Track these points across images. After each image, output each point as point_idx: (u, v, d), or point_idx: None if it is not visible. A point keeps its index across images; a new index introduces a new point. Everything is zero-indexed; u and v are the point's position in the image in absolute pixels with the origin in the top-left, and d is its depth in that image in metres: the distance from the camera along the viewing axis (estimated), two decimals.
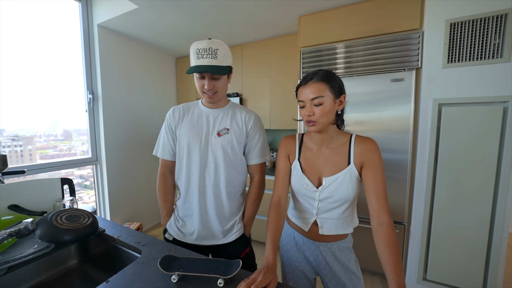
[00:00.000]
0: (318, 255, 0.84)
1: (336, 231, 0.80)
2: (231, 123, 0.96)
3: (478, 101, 1.34)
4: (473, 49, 1.34)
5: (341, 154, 0.77)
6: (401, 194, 1.59)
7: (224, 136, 0.93)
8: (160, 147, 1.00)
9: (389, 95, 1.57)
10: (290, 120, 2.28)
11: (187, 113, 0.97)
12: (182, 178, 0.96)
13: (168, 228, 1.00)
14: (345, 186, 0.75)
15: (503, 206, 1.32)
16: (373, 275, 1.83)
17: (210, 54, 0.83)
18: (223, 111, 0.97)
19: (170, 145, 0.98)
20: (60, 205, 1.04)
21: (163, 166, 1.02)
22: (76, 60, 1.99)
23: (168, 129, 0.98)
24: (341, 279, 0.82)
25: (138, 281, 0.64)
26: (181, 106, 1.01)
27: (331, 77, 0.73)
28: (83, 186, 2.19)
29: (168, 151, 0.99)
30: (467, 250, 1.42)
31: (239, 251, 0.99)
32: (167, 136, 0.98)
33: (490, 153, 1.33)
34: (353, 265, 0.83)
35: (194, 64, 0.85)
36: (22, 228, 0.77)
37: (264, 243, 2.30)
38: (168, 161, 1.01)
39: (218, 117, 0.96)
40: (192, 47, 0.85)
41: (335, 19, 1.72)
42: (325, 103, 0.71)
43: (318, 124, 0.73)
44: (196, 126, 0.95)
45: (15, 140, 1.66)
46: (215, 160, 0.93)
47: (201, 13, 1.86)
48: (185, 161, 0.94)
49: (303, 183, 0.80)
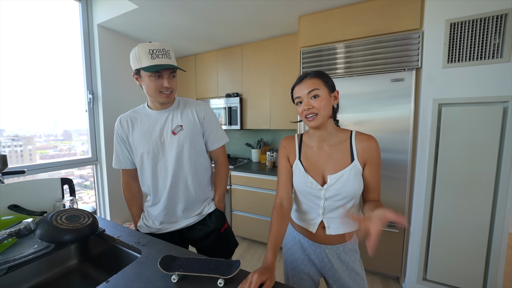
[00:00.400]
0: (324, 257, 0.84)
1: (345, 230, 0.79)
2: (182, 119, 0.98)
3: (478, 101, 1.34)
4: (473, 49, 1.34)
5: (343, 151, 0.77)
6: (401, 194, 1.59)
7: (179, 133, 0.96)
8: (115, 158, 1.03)
9: (389, 95, 1.57)
10: (290, 119, 2.28)
11: (136, 121, 0.98)
12: (148, 184, 1.00)
13: (140, 229, 1.06)
14: (351, 183, 0.74)
15: (503, 206, 1.32)
16: (373, 275, 1.83)
17: (164, 54, 0.85)
18: (171, 110, 0.99)
19: (125, 155, 1.01)
20: (60, 205, 1.04)
21: (124, 175, 1.06)
22: (76, 60, 1.99)
23: (120, 140, 1.00)
24: (346, 280, 0.82)
25: (138, 281, 0.64)
26: (128, 115, 1.00)
27: (323, 74, 0.76)
28: (83, 186, 2.19)
29: (125, 161, 1.02)
30: (467, 250, 1.42)
31: (217, 224, 1.05)
32: (120, 147, 1.01)
33: (490, 153, 1.33)
34: (357, 266, 0.83)
35: (148, 64, 0.83)
36: (22, 228, 0.77)
37: (265, 244, 2.30)
38: (128, 169, 1.05)
39: (168, 117, 0.97)
40: (142, 47, 0.84)
41: (335, 19, 1.72)
42: (322, 95, 0.73)
43: (319, 116, 0.73)
44: (148, 132, 0.96)
45: (15, 140, 1.66)
46: (177, 158, 0.95)
47: (201, 13, 1.86)
48: (146, 168, 0.97)
49: (307, 182, 0.79)
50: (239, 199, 2.30)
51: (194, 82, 2.85)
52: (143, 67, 0.84)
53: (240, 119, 2.51)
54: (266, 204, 2.16)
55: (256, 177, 2.17)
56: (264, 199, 2.16)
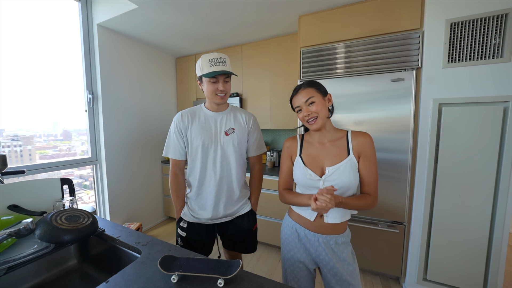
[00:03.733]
0: (318, 246, 0.90)
1: (341, 219, 0.87)
2: (235, 123, 1.12)
3: (478, 101, 1.34)
4: (473, 49, 1.34)
5: (340, 146, 0.88)
6: (401, 194, 1.59)
7: (231, 135, 1.09)
8: (171, 149, 1.10)
9: (389, 95, 1.57)
10: (290, 120, 2.28)
11: (195, 117, 1.10)
12: (196, 174, 1.09)
13: (183, 216, 1.13)
14: (347, 174, 0.83)
15: (503, 206, 1.32)
16: (373, 275, 1.83)
17: (221, 62, 1.00)
18: (226, 114, 1.13)
19: (180, 146, 1.09)
20: (60, 205, 1.04)
21: (174, 166, 1.13)
22: (76, 60, 1.99)
23: (178, 132, 1.08)
24: (339, 270, 0.88)
25: (138, 281, 0.64)
26: (187, 111, 1.11)
27: (315, 83, 0.89)
28: (83, 186, 2.19)
29: (179, 152, 1.10)
30: (468, 250, 1.42)
31: (250, 225, 1.17)
32: (177, 139, 1.09)
33: (490, 153, 1.33)
34: (349, 256, 0.89)
35: (208, 71, 0.99)
36: (22, 228, 0.77)
37: (269, 244, 2.31)
38: (179, 160, 1.12)
39: (223, 119, 1.11)
40: (204, 58, 1.00)
41: (335, 19, 1.72)
42: (317, 100, 0.85)
43: (318, 119, 0.85)
44: (206, 128, 1.08)
45: (15, 140, 1.66)
46: (226, 156, 1.08)
47: (201, 13, 1.86)
48: (199, 159, 1.07)
49: (307, 174, 0.88)
50: None
51: (194, 82, 2.85)
52: (204, 73, 1.00)
53: None
54: (266, 204, 2.16)
55: None
56: (264, 199, 2.15)
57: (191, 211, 1.12)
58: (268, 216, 2.17)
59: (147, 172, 2.62)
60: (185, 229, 1.11)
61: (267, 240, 2.22)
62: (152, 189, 2.71)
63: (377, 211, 1.67)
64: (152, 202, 2.72)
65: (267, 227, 2.19)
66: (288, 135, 2.68)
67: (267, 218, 2.17)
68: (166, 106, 2.87)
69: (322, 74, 1.79)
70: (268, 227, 2.18)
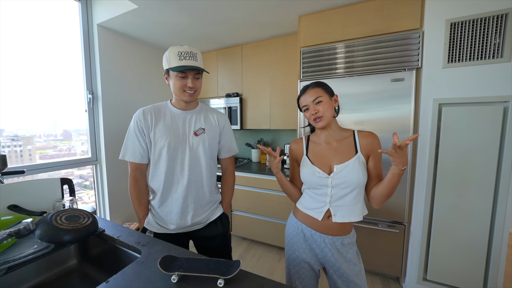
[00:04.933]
0: (324, 247, 0.90)
1: (349, 218, 0.86)
2: (205, 123, 1.05)
3: (478, 101, 1.34)
4: (474, 49, 1.34)
5: (348, 145, 0.89)
6: (401, 194, 1.59)
7: (201, 135, 1.02)
8: (129, 151, 0.99)
9: (389, 95, 1.57)
10: (290, 120, 2.28)
11: (159, 115, 0.99)
12: (160, 179, 0.99)
13: (147, 226, 1.03)
14: (355, 171, 0.84)
15: (503, 206, 1.32)
16: (373, 275, 1.83)
17: (191, 56, 0.92)
18: (195, 112, 1.05)
19: (141, 147, 0.99)
20: (60, 205, 1.03)
21: (134, 170, 1.02)
22: (76, 60, 1.99)
23: (139, 132, 0.97)
24: (345, 270, 0.88)
25: (138, 281, 0.64)
26: (150, 108, 1.00)
27: (322, 83, 0.92)
28: (83, 186, 2.19)
29: (140, 154, 0.99)
30: (468, 250, 1.42)
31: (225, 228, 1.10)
32: (136, 139, 0.98)
33: (490, 153, 1.33)
34: (354, 257, 0.90)
35: (176, 64, 0.90)
36: (22, 228, 0.77)
37: (269, 244, 2.32)
38: (139, 164, 1.01)
39: (192, 118, 1.03)
40: (172, 50, 0.91)
41: (335, 19, 1.72)
42: (324, 100, 0.88)
43: (324, 117, 0.87)
44: (172, 128, 0.98)
45: (15, 140, 1.66)
46: (196, 158, 1.00)
47: (201, 13, 1.86)
48: (164, 162, 0.97)
49: (315, 172, 0.89)
50: (239, 199, 2.30)
51: None
52: (171, 67, 0.91)
53: (240, 119, 2.51)
54: (266, 204, 2.16)
55: (256, 177, 2.17)
56: (264, 199, 2.15)
57: (156, 220, 1.02)
58: (268, 216, 2.17)
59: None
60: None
61: (267, 240, 2.22)
62: None
63: (377, 211, 1.67)
64: None
65: (267, 227, 2.19)
66: (288, 135, 2.68)
67: (267, 218, 2.17)
68: None
69: (322, 74, 1.79)
70: (268, 227, 2.18)
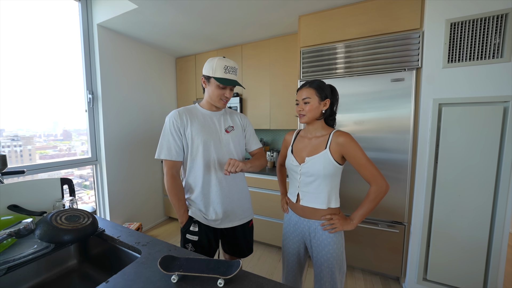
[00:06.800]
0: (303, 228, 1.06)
1: (313, 204, 1.00)
2: (233, 122, 1.16)
3: (478, 101, 1.34)
4: (473, 49, 1.34)
5: (322, 142, 1.01)
6: (401, 194, 1.59)
7: (231, 132, 1.12)
8: (165, 150, 1.03)
9: (389, 95, 1.57)
10: (290, 120, 2.28)
11: (193, 115, 1.07)
12: (199, 173, 1.06)
13: (194, 216, 1.06)
14: (318, 164, 0.97)
15: (503, 206, 1.32)
16: (373, 275, 1.83)
17: (234, 72, 1.04)
18: (222, 114, 1.15)
19: (178, 146, 1.05)
20: (60, 205, 1.03)
21: (171, 168, 1.05)
22: (76, 60, 1.99)
23: (176, 132, 1.03)
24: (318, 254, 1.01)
25: (138, 281, 0.64)
26: (183, 110, 1.08)
27: (320, 87, 0.99)
28: (83, 186, 2.19)
29: (176, 152, 1.04)
30: (468, 250, 1.42)
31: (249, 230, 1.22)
32: (173, 139, 1.04)
33: (490, 153, 1.33)
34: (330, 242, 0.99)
35: (221, 76, 1.01)
36: (22, 228, 0.77)
37: (269, 244, 2.32)
38: (175, 161, 1.06)
39: (221, 118, 1.13)
40: (220, 62, 1.01)
41: (335, 19, 1.72)
42: (311, 102, 0.98)
43: (305, 116, 1.00)
44: (206, 126, 1.07)
45: (15, 140, 1.66)
46: (229, 152, 1.10)
47: (201, 13, 1.86)
48: (201, 157, 1.05)
49: (291, 160, 1.08)
50: None
51: (194, 82, 2.85)
52: (216, 77, 1.01)
53: None
54: (267, 204, 2.16)
55: (256, 177, 2.17)
56: (265, 199, 2.15)
57: (202, 213, 1.07)
58: (268, 216, 2.17)
59: (147, 172, 2.62)
60: (196, 232, 1.04)
61: (267, 240, 2.22)
62: (152, 189, 2.71)
63: (377, 211, 1.67)
64: (152, 202, 2.72)
65: (267, 227, 2.19)
66: None
67: (267, 218, 2.17)
68: (166, 106, 2.87)
69: (322, 74, 1.79)
70: (268, 227, 2.18)
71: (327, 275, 0.99)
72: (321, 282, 1.01)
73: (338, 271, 0.99)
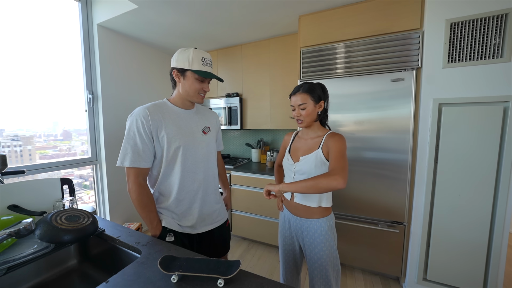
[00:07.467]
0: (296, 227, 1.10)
1: (305, 202, 1.04)
2: (208, 122, 1.10)
3: (478, 101, 1.34)
4: (474, 49, 1.34)
5: (316, 143, 1.05)
6: (401, 194, 1.59)
7: (208, 133, 1.07)
8: (131, 155, 0.89)
9: (389, 95, 1.57)
10: (290, 120, 2.28)
11: (165, 115, 0.95)
12: (175, 180, 0.96)
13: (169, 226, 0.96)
14: (309, 163, 1.01)
15: (503, 206, 1.32)
16: (373, 275, 1.83)
17: (211, 64, 0.99)
18: (195, 112, 1.07)
19: (148, 150, 0.91)
20: (60, 205, 1.04)
21: (138, 175, 0.91)
22: (76, 60, 1.99)
23: (145, 134, 0.89)
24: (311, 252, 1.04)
25: (138, 281, 0.64)
26: (153, 108, 0.94)
27: (312, 89, 1.01)
28: (83, 186, 2.19)
29: (146, 158, 0.91)
30: (468, 250, 1.42)
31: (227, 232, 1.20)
32: (143, 142, 0.90)
33: (490, 153, 1.33)
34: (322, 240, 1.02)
35: (200, 69, 0.94)
36: (22, 228, 0.77)
37: (269, 244, 2.32)
38: (143, 168, 0.92)
39: (195, 118, 1.05)
40: (197, 53, 0.93)
41: (335, 19, 1.72)
42: (308, 107, 1.01)
43: (304, 122, 1.04)
44: (182, 128, 0.98)
45: (15, 140, 1.66)
46: (207, 155, 1.05)
47: (201, 13, 1.86)
48: (179, 163, 0.96)
49: (287, 159, 1.13)
50: (239, 199, 2.30)
51: None
52: (194, 69, 0.93)
53: (240, 119, 2.51)
54: (266, 204, 2.16)
55: (256, 177, 2.17)
56: (264, 199, 2.15)
57: (176, 221, 0.98)
58: (268, 216, 2.17)
59: None
60: (173, 242, 0.93)
61: (267, 240, 2.22)
62: None
63: (377, 211, 1.67)
64: None
65: (266, 227, 2.18)
66: None
67: (267, 218, 2.17)
68: None
69: (322, 74, 1.79)
70: (268, 227, 2.18)
71: (320, 274, 1.01)
72: (314, 281, 1.03)
73: (331, 269, 1.01)
